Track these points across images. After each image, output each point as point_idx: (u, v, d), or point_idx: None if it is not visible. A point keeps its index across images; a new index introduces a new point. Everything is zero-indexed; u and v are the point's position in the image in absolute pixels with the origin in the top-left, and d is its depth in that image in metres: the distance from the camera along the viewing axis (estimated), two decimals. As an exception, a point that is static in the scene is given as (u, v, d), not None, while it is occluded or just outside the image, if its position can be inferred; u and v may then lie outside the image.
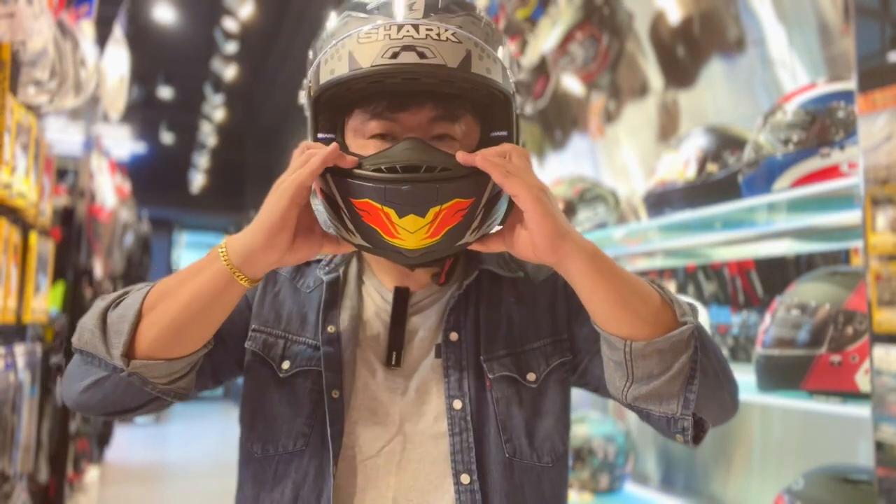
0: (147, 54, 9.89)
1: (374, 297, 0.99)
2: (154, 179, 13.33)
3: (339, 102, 0.89)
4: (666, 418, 0.86)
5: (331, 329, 0.95)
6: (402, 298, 0.97)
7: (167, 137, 15.04)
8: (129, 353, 0.84)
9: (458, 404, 0.92)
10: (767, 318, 1.66)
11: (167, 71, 12.79)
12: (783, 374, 1.57)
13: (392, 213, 0.82)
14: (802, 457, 2.05)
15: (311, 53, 0.92)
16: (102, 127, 4.86)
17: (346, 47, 0.82)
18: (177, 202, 16.86)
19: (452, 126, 0.88)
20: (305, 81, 0.91)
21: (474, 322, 0.97)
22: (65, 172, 4.01)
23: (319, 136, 0.89)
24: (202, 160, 15.95)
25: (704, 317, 2.49)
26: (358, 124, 0.89)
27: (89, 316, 0.87)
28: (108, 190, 4.63)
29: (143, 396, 0.88)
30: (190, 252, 19.38)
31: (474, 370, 0.94)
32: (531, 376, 0.95)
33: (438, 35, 0.81)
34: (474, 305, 0.98)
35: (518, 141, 0.91)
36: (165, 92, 13.07)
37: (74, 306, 3.80)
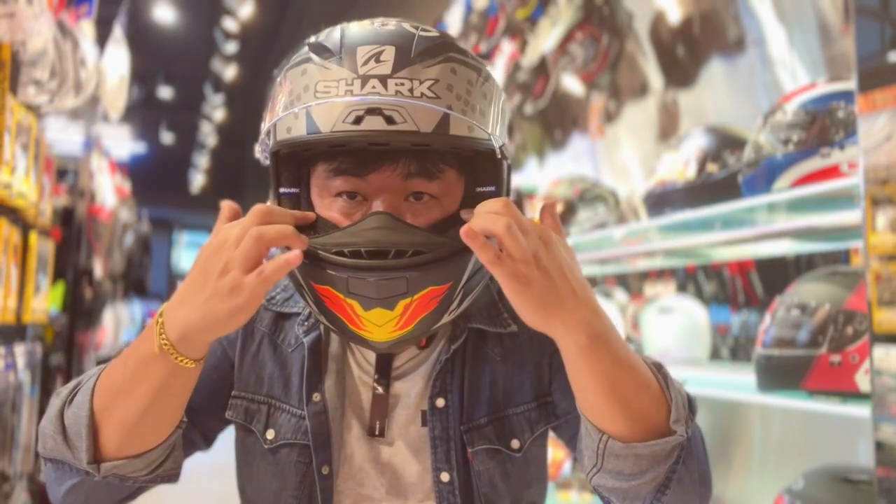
0: (147, 54, 9.89)
1: (358, 357, 0.90)
2: (154, 179, 13.33)
3: (301, 154, 0.80)
4: None
5: (316, 398, 0.87)
6: (385, 363, 0.88)
7: (167, 137, 15.05)
8: (96, 457, 0.76)
9: (445, 477, 0.85)
10: (767, 318, 1.66)
11: (167, 71, 12.80)
12: (783, 374, 1.57)
13: (356, 304, 0.73)
14: (802, 457, 2.05)
15: (271, 91, 0.82)
16: (102, 127, 4.86)
17: (302, 100, 0.72)
18: (177, 202, 16.87)
19: (429, 184, 0.77)
20: (262, 129, 0.81)
21: (460, 385, 0.88)
22: (65, 172, 4.01)
23: (282, 190, 0.79)
24: (202, 160, 15.95)
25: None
26: (322, 181, 0.79)
27: (48, 419, 0.79)
28: (108, 190, 4.63)
29: (127, 489, 0.81)
30: (190, 252, 19.40)
31: (460, 439, 0.86)
32: (515, 444, 0.87)
33: (411, 90, 0.70)
34: (460, 367, 0.88)
35: (507, 193, 0.81)
36: (165, 92, 13.07)
37: (74, 306, 3.80)
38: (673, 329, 2.47)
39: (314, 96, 0.72)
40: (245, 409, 0.90)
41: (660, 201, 2.03)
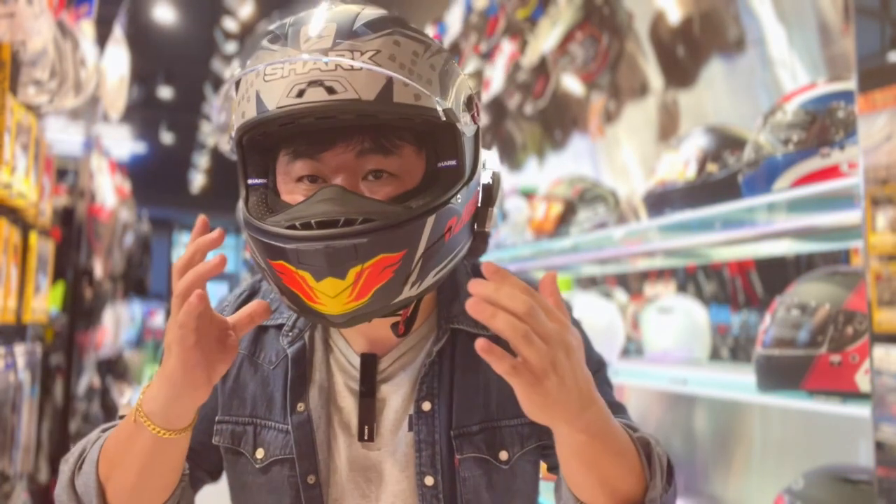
0: (147, 54, 9.89)
1: (342, 363, 0.90)
2: (154, 179, 13.34)
3: (264, 143, 0.81)
4: None
5: (300, 408, 0.87)
6: (370, 366, 0.88)
7: (167, 137, 15.04)
8: None
9: (429, 481, 0.85)
10: (767, 318, 1.66)
11: (167, 71, 12.79)
12: (783, 374, 1.57)
13: (307, 276, 0.73)
14: (802, 457, 2.05)
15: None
16: (102, 127, 4.86)
17: (254, 86, 0.74)
18: (177, 202, 16.86)
19: (385, 160, 0.77)
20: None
21: (448, 389, 0.87)
22: (65, 172, 4.01)
23: (249, 181, 0.82)
24: (202, 160, 15.94)
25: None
26: (284, 167, 0.80)
27: (61, 487, 0.83)
28: (108, 190, 4.63)
29: None
30: (190, 252, 19.37)
31: (446, 444, 0.86)
32: (503, 455, 0.87)
33: (351, 64, 0.71)
34: (448, 370, 0.88)
35: (474, 169, 0.81)
36: (165, 92, 13.06)
37: (74, 306, 3.80)
38: (673, 329, 2.47)
39: (263, 79, 0.73)
40: (231, 433, 0.90)
41: (660, 201, 2.03)
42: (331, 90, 0.70)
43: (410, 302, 0.79)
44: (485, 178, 0.86)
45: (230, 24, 9.93)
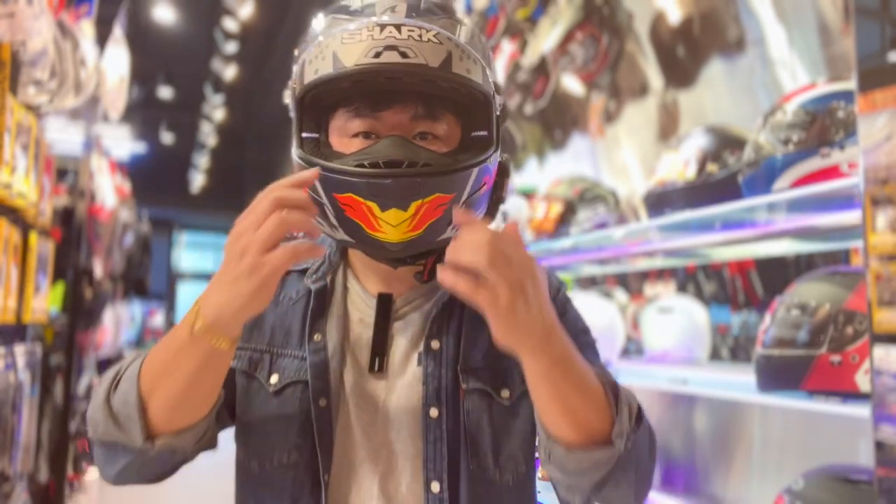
0: (147, 54, 9.90)
1: (358, 303, 0.99)
2: (154, 179, 13.33)
3: (323, 102, 0.90)
4: (565, 501, 0.90)
5: (317, 337, 0.95)
6: (385, 304, 0.96)
7: (167, 137, 15.05)
8: (150, 434, 0.85)
9: (434, 412, 0.92)
10: (767, 318, 1.66)
11: (167, 71, 12.79)
12: (783, 374, 1.57)
13: (375, 206, 0.84)
14: (802, 457, 2.05)
15: (296, 52, 0.93)
16: (102, 127, 4.86)
17: (330, 47, 0.84)
18: (177, 202, 16.87)
19: (434, 124, 0.89)
20: (290, 81, 0.92)
21: (456, 331, 0.96)
22: (65, 172, 4.01)
23: (304, 135, 0.90)
24: (202, 160, 15.96)
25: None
26: (341, 123, 0.90)
27: (95, 407, 0.87)
28: (108, 190, 4.63)
29: (174, 462, 0.90)
30: (190, 252, 19.39)
31: (452, 379, 0.93)
32: (505, 393, 0.94)
33: (420, 36, 0.83)
34: (458, 314, 0.96)
35: (498, 141, 0.92)
36: (165, 92, 13.06)
37: (74, 306, 3.80)
38: (673, 329, 2.47)
39: (341, 42, 0.84)
40: (249, 359, 0.97)
41: (660, 201, 2.03)
42: (404, 55, 0.82)
43: (445, 243, 0.85)
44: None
45: (230, 24, 9.94)
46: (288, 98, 0.94)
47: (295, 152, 0.90)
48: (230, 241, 0.79)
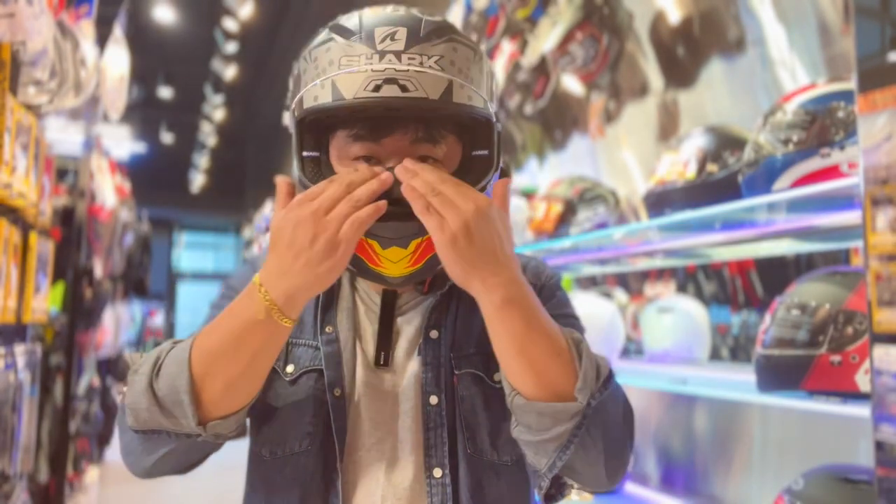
0: (147, 54, 9.90)
1: (365, 299, 1.02)
2: (154, 179, 13.34)
3: (323, 123, 0.91)
4: (532, 468, 0.89)
5: (329, 329, 0.98)
6: (389, 301, 1.00)
7: (167, 137, 15.04)
8: (201, 420, 0.85)
9: (433, 399, 0.95)
10: (767, 318, 1.66)
11: (167, 71, 12.79)
12: (783, 374, 1.57)
13: (375, 244, 0.87)
14: (802, 457, 2.05)
15: (295, 68, 0.93)
16: (102, 127, 4.86)
17: (329, 76, 0.84)
18: (177, 202, 16.87)
19: (434, 148, 0.90)
20: (288, 100, 0.93)
21: (453, 320, 0.99)
22: (65, 172, 4.01)
23: (305, 153, 0.91)
24: (202, 160, 15.95)
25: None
26: (341, 145, 0.91)
27: (136, 395, 0.86)
28: (108, 190, 4.63)
29: (208, 449, 0.91)
30: (190, 252, 19.38)
31: (449, 366, 0.97)
32: (498, 377, 0.96)
33: (421, 63, 0.83)
34: (455, 305, 1.00)
35: (499, 159, 0.92)
36: (165, 92, 13.06)
37: (74, 306, 3.80)
38: (673, 329, 2.47)
39: (339, 68, 0.84)
40: None
41: (660, 201, 2.03)
42: (404, 88, 0.82)
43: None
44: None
45: (230, 24, 9.93)
46: (287, 119, 0.95)
47: (297, 175, 0.91)
48: (286, 227, 0.81)
